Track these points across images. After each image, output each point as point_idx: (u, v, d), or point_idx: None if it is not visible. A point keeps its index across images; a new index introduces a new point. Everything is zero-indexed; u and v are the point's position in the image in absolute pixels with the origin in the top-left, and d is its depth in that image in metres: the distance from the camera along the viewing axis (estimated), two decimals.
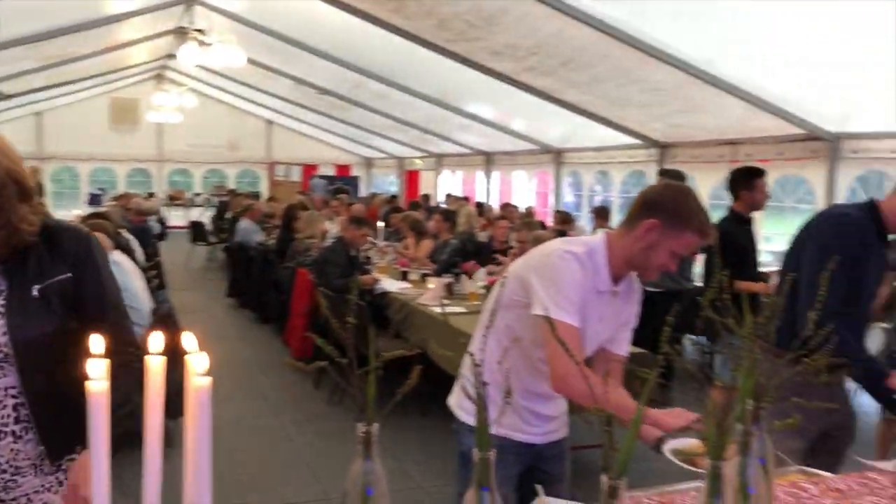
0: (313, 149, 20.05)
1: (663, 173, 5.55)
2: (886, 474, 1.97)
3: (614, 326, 2.22)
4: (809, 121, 6.96)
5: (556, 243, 2.24)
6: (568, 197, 13.33)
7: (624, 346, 2.26)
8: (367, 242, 6.88)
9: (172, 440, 1.38)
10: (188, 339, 0.90)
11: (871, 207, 2.57)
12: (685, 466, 1.79)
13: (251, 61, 11.04)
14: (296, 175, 20.05)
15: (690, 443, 1.93)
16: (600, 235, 2.23)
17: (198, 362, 0.89)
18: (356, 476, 1.38)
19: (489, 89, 9.31)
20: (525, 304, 2.10)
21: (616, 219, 9.58)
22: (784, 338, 1.49)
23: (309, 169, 20.20)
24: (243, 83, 15.04)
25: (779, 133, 7.38)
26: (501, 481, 2.30)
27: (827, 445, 2.61)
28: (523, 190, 14.22)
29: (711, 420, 1.27)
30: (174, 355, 0.92)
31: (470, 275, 6.16)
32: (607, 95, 8.18)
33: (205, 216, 16.30)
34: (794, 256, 2.68)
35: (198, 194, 19.36)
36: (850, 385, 2.90)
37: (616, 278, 2.17)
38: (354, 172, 21.04)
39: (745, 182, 4.76)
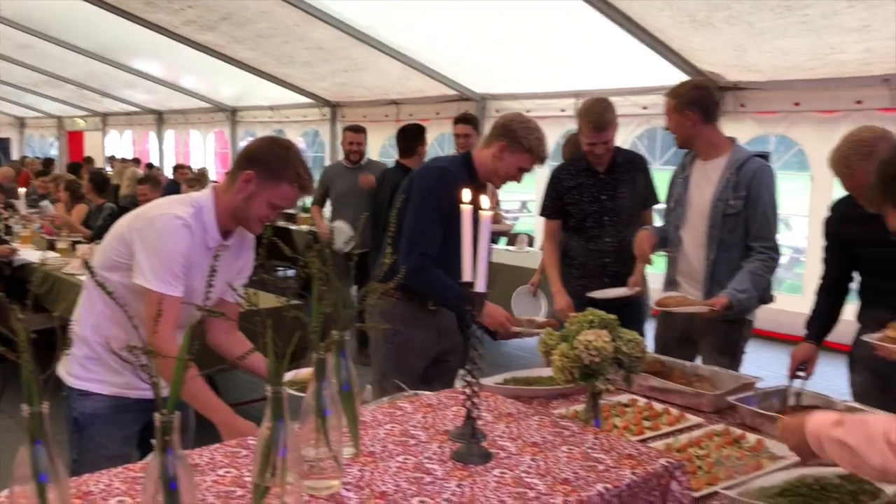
0: None
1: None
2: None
3: (228, 278, 2.23)
4: (459, 82, 7.57)
5: (162, 205, 2.16)
6: None
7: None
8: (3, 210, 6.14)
9: None
10: None
11: (467, 159, 2.82)
12: (302, 395, 1.88)
13: None
14: None
15: (305, 372, 2.04)
16: (208, 190, 2.20)
17: None
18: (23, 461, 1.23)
19: (155, 44, 8.78)
20: (129, 266, 2.04)
21: None
22: (387, 274, 1.64)
23: None
24: None
25: (435, 94, 7.94)
26: (122, 441, 2.25)
27: (440, 368, 2.90)
28: (201, 150, 13.63)
29: (270, 348, 1.34)
30: None
31: None
32: (272, 53, 8.14)
33: None
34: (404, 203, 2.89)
35: None
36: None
37: (225, 232, 2.18)
38: (4, 134, 18.60)
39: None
